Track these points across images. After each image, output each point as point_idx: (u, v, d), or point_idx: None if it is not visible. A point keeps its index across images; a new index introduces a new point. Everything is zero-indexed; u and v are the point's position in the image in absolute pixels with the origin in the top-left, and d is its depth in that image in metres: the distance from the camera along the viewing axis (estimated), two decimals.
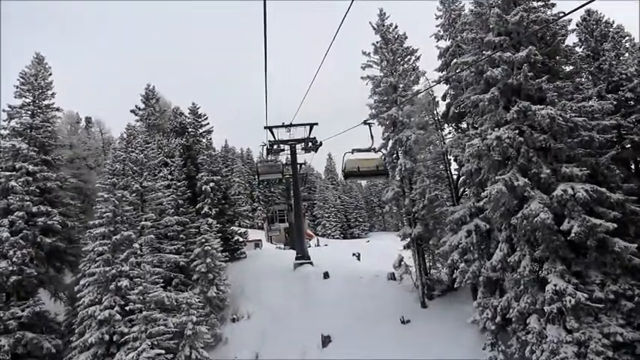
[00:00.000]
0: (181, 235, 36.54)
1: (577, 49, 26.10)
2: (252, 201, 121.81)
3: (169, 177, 40.01)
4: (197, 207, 42.44)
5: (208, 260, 33.89)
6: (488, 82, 22.71)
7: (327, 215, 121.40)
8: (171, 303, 29.39)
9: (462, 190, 30.84)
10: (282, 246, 72.96)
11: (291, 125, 42.60)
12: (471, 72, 23.70)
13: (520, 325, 21.19)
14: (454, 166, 31.92)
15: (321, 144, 42.89)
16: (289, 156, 44.74)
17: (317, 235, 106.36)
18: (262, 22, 11.34)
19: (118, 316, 27.45)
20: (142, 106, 50.80)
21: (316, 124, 42.94)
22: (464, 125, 31.57)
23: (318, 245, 77.83)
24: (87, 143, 50.88)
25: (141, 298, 26.73)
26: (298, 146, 43.64)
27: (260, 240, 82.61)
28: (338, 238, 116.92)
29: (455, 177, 31.25)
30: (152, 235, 30.33)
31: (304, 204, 72.58)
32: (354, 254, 58.98)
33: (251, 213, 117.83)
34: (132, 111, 50.32)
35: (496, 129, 21.34)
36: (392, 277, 35.40)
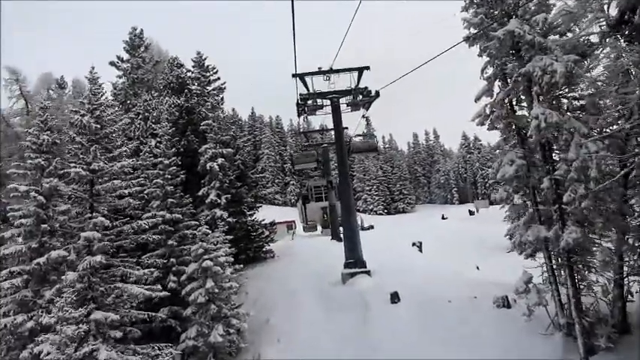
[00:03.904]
0: (170, 242, 23.75)
1: None
2: (284, 175, 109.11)
3: (157, 151, 27.16)
4: (200, 193, 29.59)
5: (209, 284, 21.09)
6: None
7: (367, 189, 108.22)
8: None
9: None
10: (321, 229, 60.51)
11: (331, 71, 29.18)
12: None
13: None
14: None
15: (377, 95, 29.25)
16: (325, 121, 31.31)
17: (358, 211, 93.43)
18: None
19: None
20: (126, 56, 37.70)
21: (367, 67, 29.41)
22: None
23: (362, 227, 64.36)
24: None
25: None
26: (343, 100, 30.14)
27: (293, 221, 70.54)
28: (381, 214, 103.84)
29: None
30: (99, 256, 17.05)
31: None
32: (414, 244, 45.46)
33: (282, 188, 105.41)
34: (112, 63, 37.21)
35: None
36: (504, 303, 22.07)
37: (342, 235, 35.66)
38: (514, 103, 20.62)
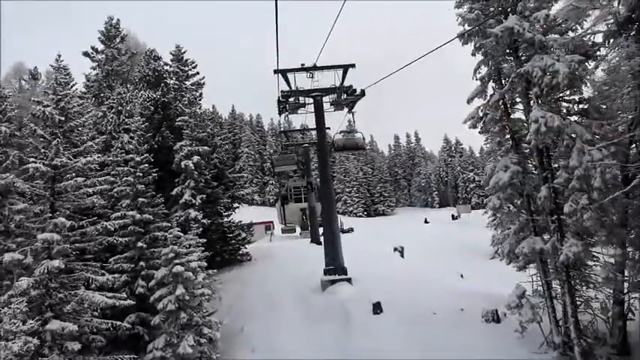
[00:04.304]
0: (140, 244, 22.20)
1: None
2: (263, 174, 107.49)
3: (129, 147, 25.60)
4: (174, 193, 28.05)
5: (180, 291, 19.54)
6: None
7: (347, 190, 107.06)
8: None
9: None
10: (299, 231, 59.29)
11: (315, 68, 27.80)
12: None
13: None
14: None
15: (363, 94, 27.99)
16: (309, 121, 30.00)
17: (337, 213, 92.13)
18: None
19: None
20: (101, 47, 35.92)
21: (353, 65, 28.04)
22: None
23: (342, 230, 63.04)
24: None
25: None
26: (326, 99, 28.80)
27: (271, 222, 69.30)
28: (361, 216, 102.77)
29: None
30: (57, 261, 15.47)
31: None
32: (395, 249, 44.24)
33: (261, 188, 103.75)
34: (85, 54, 35.43)
35: None
36: (493, 317, 20.94)
37: (322, 239, 34.42)
38: (508, 105, 19.51)
